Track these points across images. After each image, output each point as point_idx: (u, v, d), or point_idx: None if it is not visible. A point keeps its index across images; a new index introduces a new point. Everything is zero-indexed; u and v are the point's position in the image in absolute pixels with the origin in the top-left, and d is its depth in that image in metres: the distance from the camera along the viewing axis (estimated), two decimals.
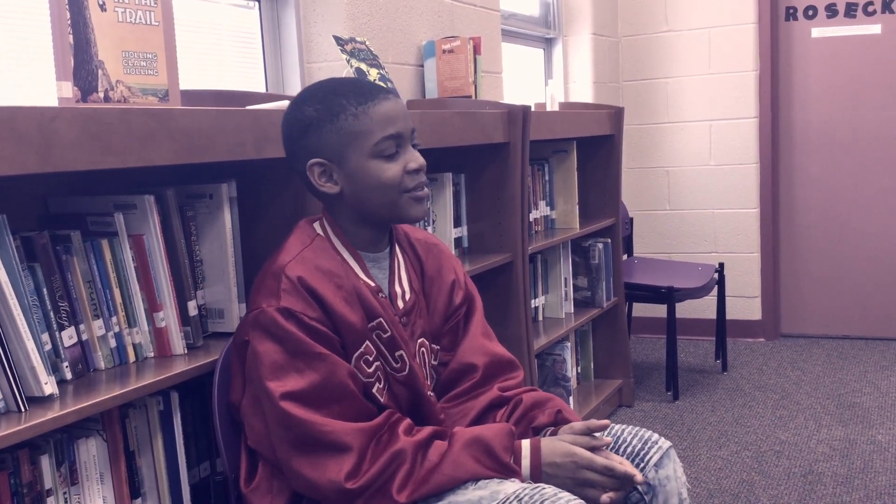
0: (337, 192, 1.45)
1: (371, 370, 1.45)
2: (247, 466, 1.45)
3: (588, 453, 1.37)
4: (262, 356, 1.36)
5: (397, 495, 1.32)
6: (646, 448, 1.48)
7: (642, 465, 1.46)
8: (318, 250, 1.44)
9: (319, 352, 1.36)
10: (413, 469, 1.34)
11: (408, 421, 1.41)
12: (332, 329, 1.39)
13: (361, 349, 1.44)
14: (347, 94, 1.43)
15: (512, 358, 1.63)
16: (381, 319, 1.46)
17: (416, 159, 1.45)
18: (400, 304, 1.52)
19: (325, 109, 1.42)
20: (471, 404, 1.54)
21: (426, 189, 1.48)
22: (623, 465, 1.38)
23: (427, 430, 1.39)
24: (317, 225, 1.50)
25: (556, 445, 1.38)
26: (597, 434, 1.42)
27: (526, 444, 1.39)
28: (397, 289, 1.52)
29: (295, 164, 1.48)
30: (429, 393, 1.52)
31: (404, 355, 1.48)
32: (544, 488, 1.27)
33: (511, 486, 1.30)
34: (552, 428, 1.49)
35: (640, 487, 1.44)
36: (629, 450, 1.48)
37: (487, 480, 1.33)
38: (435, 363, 1.58)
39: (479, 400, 1.54)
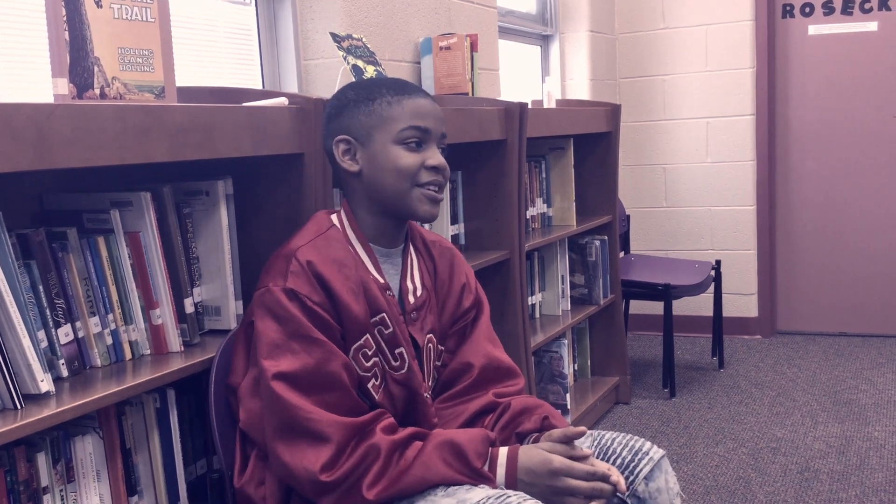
0: (356, 171, 1.49)
1: (368, 364, 1.45)
2: (240, 460, 1.45)
3: (566, 460, 1.34)
4: (262, 334, 1.38)
5: (367, 492, 1.31)
6: (636, 460, 1.44)
7: (632, 477, 1.43)
8: (331, 240, 1.47)
9: (317, 337, 1.37)
10: (386, 467, 1.33)
11: (391, 421, 1.40)
12: (334, 317, 1.40)
13: (361, 341, 1.44)
14: (389, 85, 1.51)
15: (512, 366, 1.61)
16: (385, 315, 1.47)
17: (437, 158, 1.49)
18: (411, 299, 1.53)
19: (364, 93, 1.50)
20: (463, 407, 1.53)
21: (440, 193, 1.50)
22: (601, 466, 1.35)
23: (408, 431, 1.38)
24: (334, 217, 1.53)
25: (533, 453, 1.36)
26: (576, 443, 1.39)
27: (503, 451, 1.38)
28: (409, 284, 1.54)
29: (326, 143, 1.54)
30: (425, 394, 1.51)
31: (404, 353, 1.48)
32: (509, 496, 1.26)
33: (478, 495, 1.28)
34: (537, 434, 1.46)
35: (628, 501, 1.41)
36: (618, 461, 1.45)
37: (457, 487, 1.31)
38: (438, 363, 1.58)
39: (472, 403, 1.53)
